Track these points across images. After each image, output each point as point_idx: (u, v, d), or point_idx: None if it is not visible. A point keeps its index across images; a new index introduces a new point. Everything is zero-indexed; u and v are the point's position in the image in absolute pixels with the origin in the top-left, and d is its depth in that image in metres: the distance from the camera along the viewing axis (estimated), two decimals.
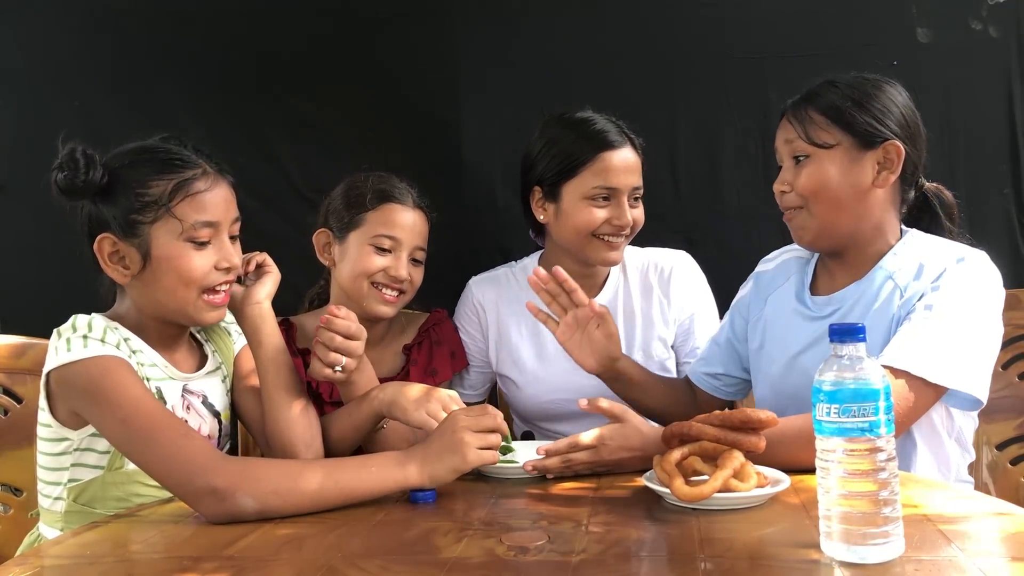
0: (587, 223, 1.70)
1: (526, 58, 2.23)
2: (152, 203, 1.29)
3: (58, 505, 1.33)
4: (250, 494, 1.13)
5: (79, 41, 2.29)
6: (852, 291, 1.45)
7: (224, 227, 1.35)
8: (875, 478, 0.88)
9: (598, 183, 1.69)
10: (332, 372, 1.41)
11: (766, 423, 1.16)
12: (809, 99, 1.45)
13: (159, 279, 1.31)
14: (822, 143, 1.41)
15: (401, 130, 2.25)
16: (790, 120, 1.45)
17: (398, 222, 1.67)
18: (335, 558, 0.98)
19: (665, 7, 2.19)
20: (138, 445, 1.20)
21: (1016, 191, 2.11)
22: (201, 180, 1.32)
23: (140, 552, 1.09)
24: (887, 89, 1.45)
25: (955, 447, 1.46)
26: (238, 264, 1.38)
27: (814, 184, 1.41)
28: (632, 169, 1.72)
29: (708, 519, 1.07)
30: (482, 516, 1.15)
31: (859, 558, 0.88)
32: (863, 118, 1.40)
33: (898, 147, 1.40)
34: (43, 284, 2.22)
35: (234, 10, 2.25)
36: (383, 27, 2.24)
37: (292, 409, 1.40)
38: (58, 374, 1.25)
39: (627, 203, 1.71)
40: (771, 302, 1.59)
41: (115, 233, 1.30)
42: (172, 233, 1.30)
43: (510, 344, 1.84)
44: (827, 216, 1.43)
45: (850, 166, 1.41)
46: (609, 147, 1.70)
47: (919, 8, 2.10)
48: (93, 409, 1.24)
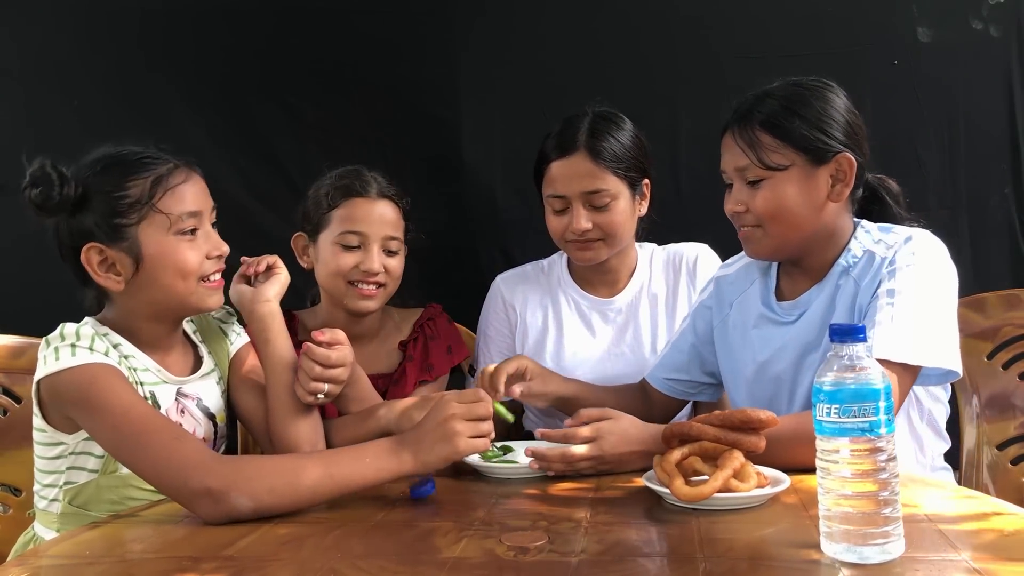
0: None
1: (525, 58, 2.23)
2: (135, 203, 1.29)
3: (54, 507, 1.33)
4: (245, 493, 1.12)
5: (78, 41, 2.29)
6: (814, 293, 1.45)
7: (206, 216, 1.36)
8: (875, 478, 0.88)
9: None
10: (314, 399, 1.40)
11: (766, 423, 1.16)
12: (750, 117, 1.40)
13: (156, 278, 1.31)
14: (776, 165, 1.37)
15: (401, 130, 2.25)
16: (737, 143, 1.40)
17: (361, 216, 1.65)
18: (335, 558, 0.98)
19: (665, 7, 2.19)
20: (130, 450, 1.20)
21: (1016, 191, 2.11)
22: (176, 173, 1.33)
23: (139, 552, 1.08)
24: (827, 96, 1.41)
25: (928, 431, 1.48)
26: (227, 250, 1.38)
27: (772, 207, 1.39)
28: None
29: (708, 519, 1.07)
30: (482, 516, 1.15)
31: (859, 558, 0.88)
32: (812, 134, 1.37)
33: (850, 159, 1.38)
34: (43, 284, 2.21)
35: (234, 10, 2.25)
36: (383, 27, 2.24)
37: (297, 409, 1.39)
38: (47, 383, 1.25)
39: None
40: (736, 307, 1.58)
41: (101, 241, 1.30)
42: (160, 229, 1.30)
43: (536, 337, 1.85)
44: (784, 235, 1.41)
45: (805, 183, 1.38)
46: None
47: (919, 8, 2.10)
48: (84, 416, 1.24)
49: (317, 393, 1.38)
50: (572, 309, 1.84)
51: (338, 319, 1.66)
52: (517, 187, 2.14)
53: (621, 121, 1.74)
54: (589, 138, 1.68)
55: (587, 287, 1.85)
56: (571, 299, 1.85)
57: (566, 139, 1.70)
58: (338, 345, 1.40)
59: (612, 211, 1.70)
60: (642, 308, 1.82)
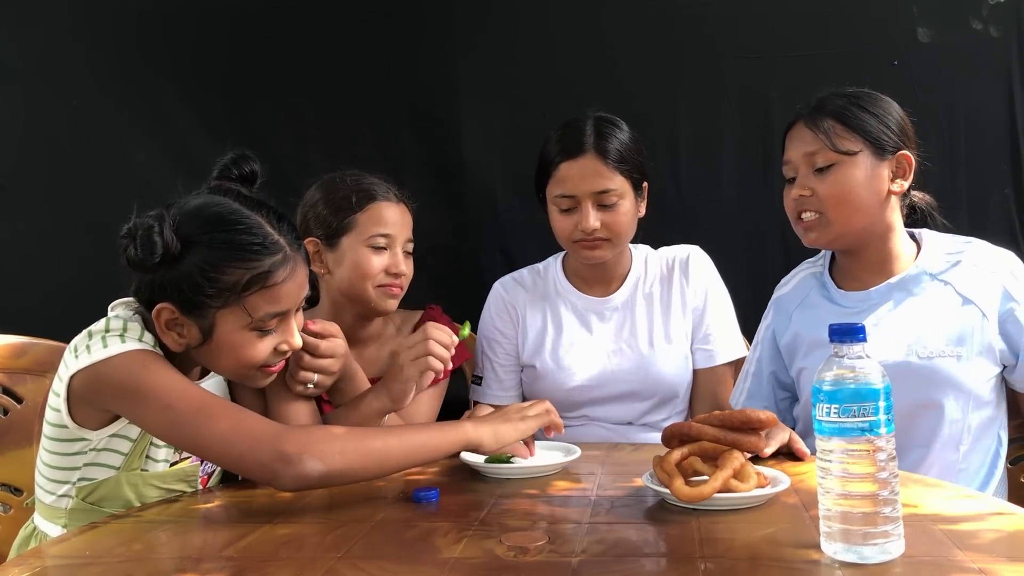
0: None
1: (526, 58, 2.23)
2: (224, 290, 1.22)
3: (63, 502, 1.32)
4: (316, 455, 1.14)
5: (78, 41, 2.29)
6: (884, 290, 1.51)
7: (291, 311, 1.30)
8: (875, 478, 0.88)
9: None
10: (303, 388, 1.42)
11: (766, 423, 1.17)
12: (822, 109, 1.49)
13: (216, 358, 1.29)
14: (847, 150, 1.46)
15: (401, 130, 2.25)
16: (810, 129, 1.49)
17: (388, 219, 1.68)
18: (335, 558, 0.98)
19: (665, 7, 2.19)
20: (190, 427, 1.18)
21: (1016, 191, 2.11)
22: (280, 270, 1.25)
23: (140, 552, 1.08)
24: (886, 101, 1.51)
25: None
26: (298, 345, 1.34)
27: (838, 191, 1.46)
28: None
29: (708, 519, 1.07)
30: (482, 516, 1.15)
31: (859, 558, 0.88)
32: (876, 125, 1.47)
33: (909, 157, 1.48)
34: (43, 284, 2.23)
35: (234, 10, 2.25)
36: (383, 27, 2.24)
37: (297, 407, 1.40)
38: (88, 373, 1.22)
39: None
40: (797, 317, 1.61)
41: (178, 306, 1.24)
42: (239, 323, 1.25)
43: (536, 338, 1.86)
44: (846, 221, 1.48)
45: (872, 172, 1.47)
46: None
47: (919, 8, 2.10)
48: (130, 403, 1.22)
49: (307, 383, 1.40)
50: (569, 310, 1.86)
51: (344, 322, 1.66)
52: (517, 187, 2.13)
53: (621, 124, 1.77)
54: (596, 140, 1.72)
55: (583, 287, 1.87)
56: (568, 300, 1.87)
57: (573, 141, 1.73)
58: (330, 337, 1.42)
59: (618, 211, 1.74)
60: (638, 306, 1.84)
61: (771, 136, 2.06)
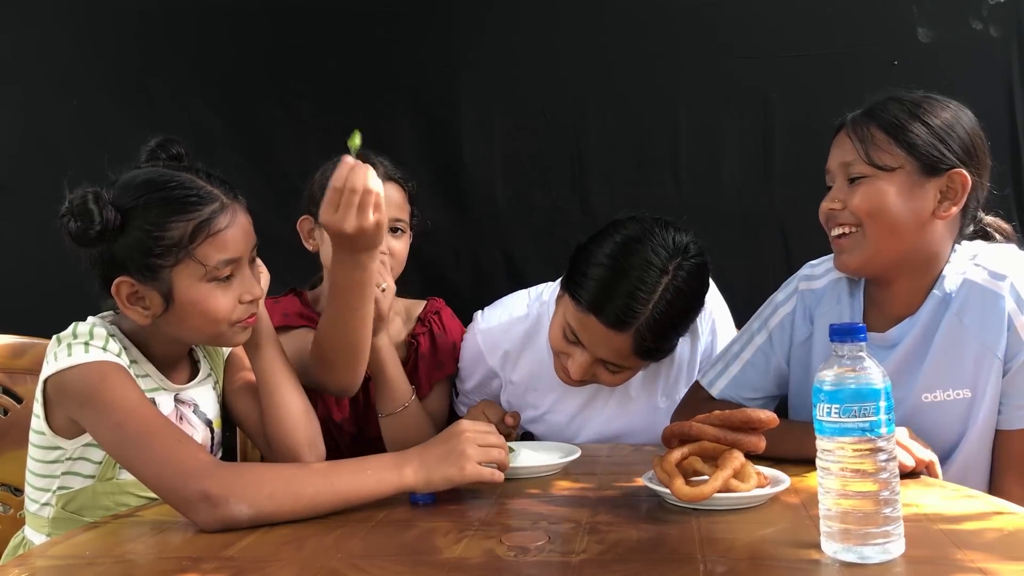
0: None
1: (526, 58, 2.23)
2: (172, 247, 1.24)
3: (45, 511, 1.32)
4: (244, 500, 1.10)
5: (78, 41, 2.29)
6: (906, 326, 1.39)
7: (245, 259, 1.31)
8: (875, 478, 0.88)
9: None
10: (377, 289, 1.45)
11: (766, 423, 1.17)
12: (871, 115, 1.37)
13: (184, 320, 1.28)
14: (883, 165, 1.33)
15: (401, 130, 2.25)
16: (850, 136, 1.37)
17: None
18: (335, 558, 0.98)
19: (665, 7, 2.19)
20: (132, 450, 1.18)
21: (1016, 191, 2.10)
22: (220, 216, 1.27)
23: (139, 552, 1.08)
24: (954, 110, 1.37)
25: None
26: (261, 293, 1.35)
27: (870, 205, 1.34)
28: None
29: (708, 519, 1.07)
30: (482, 516, 1.15)
31: (859, 558, 0.88)
32: (929, 141, 1.33)
33: (963, 176, 1.33)
34: (43, 284, 2.22)
35: (234, 10, 2.25)
36: (384, 27, 2.24)
37: (294, 408, 1.39)
38: (56, 379, 1.23)
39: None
40: (821, 327, 1.48)
41: (133, 275, 1.25)
42: (194, 276, 1.25)
43: (521, 396, 1.75)
44: (882, 241, 1.35)
45: (911, 191, 1.33)
46: None
47: (919, 8, 2.10)
48: (88, 413, 1.22)
49: (378, 285, 1.45)
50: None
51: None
52: (517, 187, 2.13)
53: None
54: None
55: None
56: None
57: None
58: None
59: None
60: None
61: (772, 136, 2.06)
